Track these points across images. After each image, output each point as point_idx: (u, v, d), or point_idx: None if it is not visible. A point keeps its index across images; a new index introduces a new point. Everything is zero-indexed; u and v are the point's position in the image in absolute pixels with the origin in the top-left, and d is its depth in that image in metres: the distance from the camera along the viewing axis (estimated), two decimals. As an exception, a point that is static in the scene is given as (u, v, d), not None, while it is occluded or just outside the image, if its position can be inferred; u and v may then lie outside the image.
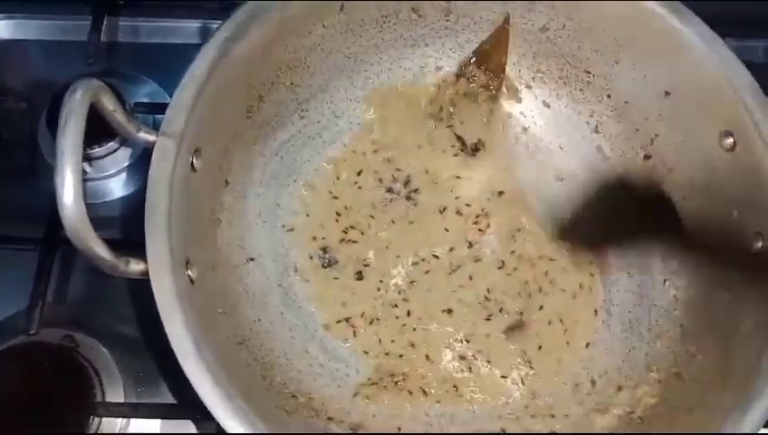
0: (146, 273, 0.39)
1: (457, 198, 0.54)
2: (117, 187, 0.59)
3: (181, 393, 0.49)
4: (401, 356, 0.50)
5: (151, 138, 0.42)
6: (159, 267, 0.39)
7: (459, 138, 0.55)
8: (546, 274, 0.52)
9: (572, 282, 0.52)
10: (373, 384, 0.49)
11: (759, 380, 0.41)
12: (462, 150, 0.55)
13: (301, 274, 0.51)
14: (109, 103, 0.39)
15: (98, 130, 0.41)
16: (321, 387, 0.48)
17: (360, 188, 0.54)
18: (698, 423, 0.41)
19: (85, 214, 0.35)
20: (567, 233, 0.53)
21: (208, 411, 0.37)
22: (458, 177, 0.55)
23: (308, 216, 0.53)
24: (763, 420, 0.40)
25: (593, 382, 0.49)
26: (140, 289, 0.40)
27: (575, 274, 0.52)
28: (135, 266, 0.39)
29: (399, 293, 0.51)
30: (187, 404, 0.47)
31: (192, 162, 0.44)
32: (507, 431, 0.47)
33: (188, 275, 0.41)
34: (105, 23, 0.63)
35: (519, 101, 0.57)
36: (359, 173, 0.55)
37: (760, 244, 0.45)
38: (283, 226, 0.52)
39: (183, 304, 0.38)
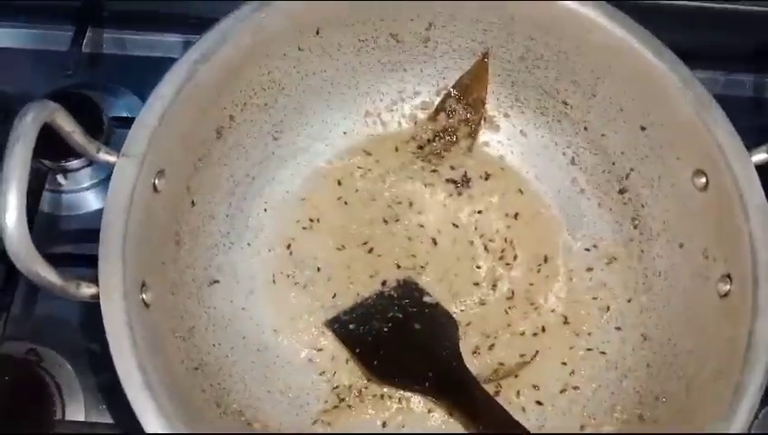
0: (96, 296, 0.38)
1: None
2: (93, 199, 0.59)
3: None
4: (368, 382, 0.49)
5: (112, 159, 0.41)
6: (110, 293, 0.38)
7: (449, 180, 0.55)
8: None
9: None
10: (334, 408, 0.48)
11: (720, 424, 0.40)
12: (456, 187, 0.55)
13: (267, 298, 0.51)
14: (66, 124, 0.38)
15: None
16: (280, 414, 0.47)
17: (345, 209, 0.54)
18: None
19: (28, 237, 0.35)
20: None
21: None
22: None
23: (281, 239, 0.53)
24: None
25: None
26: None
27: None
28: (86, 290, 0.39)
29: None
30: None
31: (154, 183, 0.43)
32: None
33: (143, 299, 0.41)
34: (89, 34, 0.63)
35: (497, 129, 0.56)
36: (338, 198, 0.54)
37: (728, 287, 0.44)
38: (252, 248, 0.52)
39: (132, 331, 0.38)
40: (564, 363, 0.50)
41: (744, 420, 0.39)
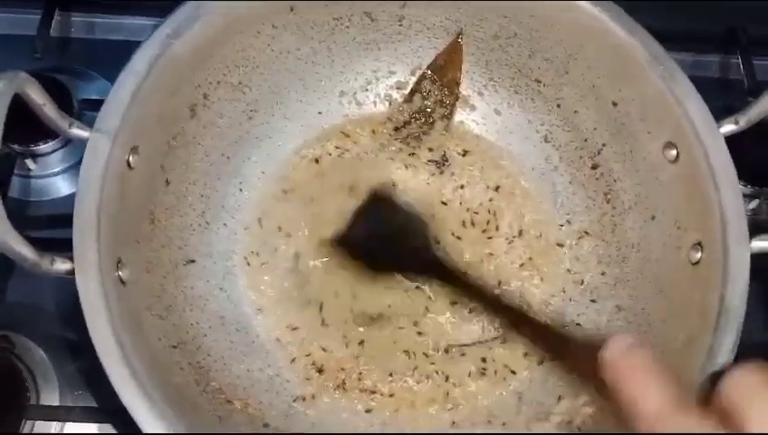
0: (72, 272, 0.38)
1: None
2: (63, 184, 0.58)
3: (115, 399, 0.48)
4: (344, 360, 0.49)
5: (85, 134, 0.41)
6: (86, 267, 0.38)
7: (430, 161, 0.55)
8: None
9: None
10: (313, 387, 0.48)
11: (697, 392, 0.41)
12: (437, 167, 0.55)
13: (244, 278, 0.51)
14: (37, 97, 0.38)
15: (43, 127, 0.40)
16: (260, 393, 0.47)
17: (323, 190, 0.53)
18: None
19: (2, 212, 0.34)
20: None
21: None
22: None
23: (257, 219, 0.52)
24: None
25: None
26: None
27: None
28: (61, 265, 0.38)
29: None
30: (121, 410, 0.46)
31: (128, 160, 0.43)
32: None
33: (119, 276, 0.40)
34: (57, 17, 0.62)
35: (472, 108, 0.57)
36: (316, 177, 0.54)
37: (699, 254, 0.45)
38: (227, 227, 0.52)
39: (109, 304, 0.37)
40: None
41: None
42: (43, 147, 0.56)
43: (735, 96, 0.62)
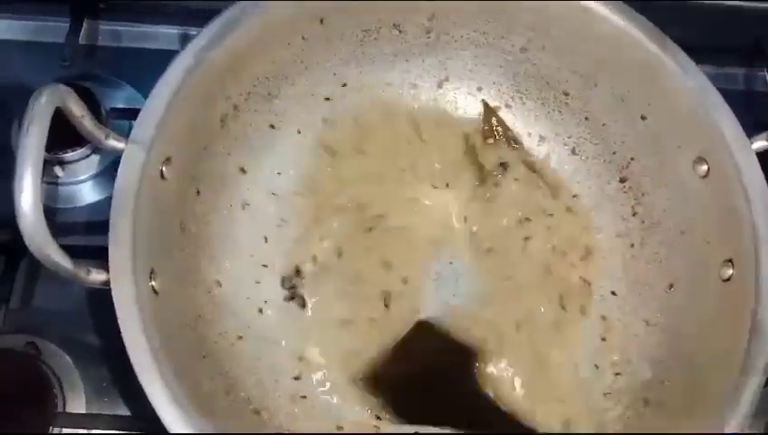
0: (107, 283, 0.38)
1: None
2: (90, 192, 0.58)
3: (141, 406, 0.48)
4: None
5: (120, 145, 0.41)
6: (121, 277, 0.38)
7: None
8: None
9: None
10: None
11: (728, 409, 0.41)
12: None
13: (273, 288, 0.51)
14: (76, 109, 0.38)
15: (71, 135, 0.41)
16: (288, 404, 0.47)
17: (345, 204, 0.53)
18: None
19: (44, 222, 0.34)
20: None
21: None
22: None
23: (286, 228, 0.52)
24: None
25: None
26: (107, 298, 0.39)
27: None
28: (96, 276, 0.38)
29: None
30: (147, 417, 0.46)
31: (162, 171, 0.43)
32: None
33: (152, 286, 0.41)
34: (85, 25, 0.63)
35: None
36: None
37: (730, 271, 0.45)
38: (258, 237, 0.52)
39: (143, 315, 0.38)
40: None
41: (750, 399, 0.40)
42: (71, 154, 0.56)
43: (762, 109, 0.62)
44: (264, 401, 0.46)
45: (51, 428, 0.48)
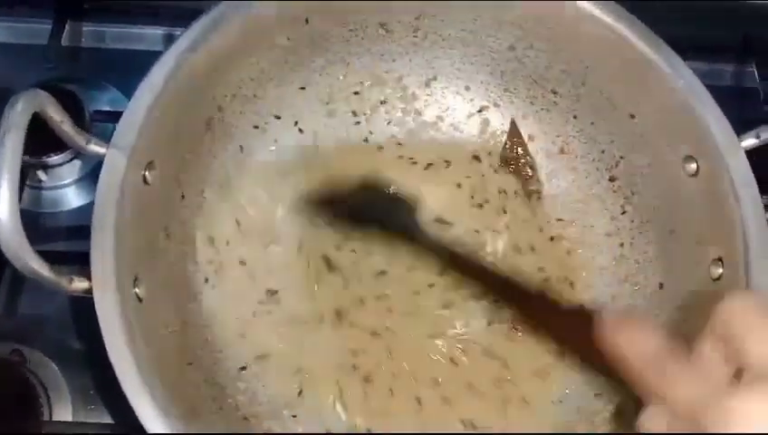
0: (90, 291, 0.37)
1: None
2: (74, 196, 0.57)
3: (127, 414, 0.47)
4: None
5: (102, 150, 0.40)
6: (104, 285, 0.37)
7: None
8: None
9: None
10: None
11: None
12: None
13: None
14: (56, 114, 0.37)
15: (54, 138, 0.40)
16: (275, 410, 0.46)
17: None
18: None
19: (21, 231, 0.34)
20: None
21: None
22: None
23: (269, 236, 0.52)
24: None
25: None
26: (92, 305, 0.39)
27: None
28: (79, 284, 0.38)
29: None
30: (133, 425, 0.45)
31: (145, 176, 0.43)
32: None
33: (136, 293, 0.40)
34: (68, 27, 0.62)
35: (486, 121, 0.56)
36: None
37: (720, 270, 0.45)
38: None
39: (127, 324, 0.37)
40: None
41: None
42: (54, 158, 0.56)
43: (751, 106, 0.61)
44: (252, 408, 0.46)
45: (38, 435, 0.47)
